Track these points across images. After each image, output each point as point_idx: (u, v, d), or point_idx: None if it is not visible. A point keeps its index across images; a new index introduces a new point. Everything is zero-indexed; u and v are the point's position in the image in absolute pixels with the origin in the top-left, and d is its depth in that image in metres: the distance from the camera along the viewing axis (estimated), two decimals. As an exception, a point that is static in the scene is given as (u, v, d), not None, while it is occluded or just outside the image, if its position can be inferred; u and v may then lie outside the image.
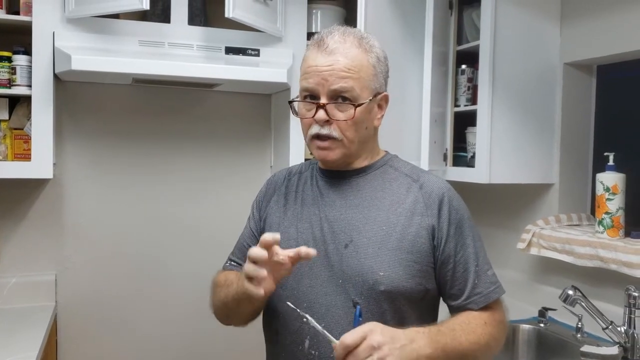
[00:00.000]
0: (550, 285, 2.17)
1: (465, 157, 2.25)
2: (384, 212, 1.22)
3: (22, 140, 2.10)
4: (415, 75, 2.19)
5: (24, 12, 2.04)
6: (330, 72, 1.18)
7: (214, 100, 2.56)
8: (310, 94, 1.22)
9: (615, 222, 1.86)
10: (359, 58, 1.21)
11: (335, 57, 1.19)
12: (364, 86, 1.21)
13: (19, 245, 2.28)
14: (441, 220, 1.22)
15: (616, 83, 2.17)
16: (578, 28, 2.10)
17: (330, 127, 1.21)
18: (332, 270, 1.20)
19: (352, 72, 1.19)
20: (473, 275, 1.22)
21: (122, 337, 2.44)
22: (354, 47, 1.21)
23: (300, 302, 1.20)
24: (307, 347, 1.19)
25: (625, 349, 1.76)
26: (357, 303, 1.18)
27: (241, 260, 1.40)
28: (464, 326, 1.18)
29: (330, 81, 1.18)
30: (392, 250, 1.18)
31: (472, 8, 2.21)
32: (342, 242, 1.21)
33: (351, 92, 1.19)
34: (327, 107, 1.19)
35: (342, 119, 1.20)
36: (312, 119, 1.21)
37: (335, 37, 1.22)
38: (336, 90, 1.19)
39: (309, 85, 1.21)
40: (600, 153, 2.05)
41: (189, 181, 2.54)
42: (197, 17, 2.28)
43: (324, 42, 1.21)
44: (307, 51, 1.25)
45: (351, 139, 1.23)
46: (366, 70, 1.22)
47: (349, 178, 1.29)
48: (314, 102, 1.21)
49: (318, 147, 1.23)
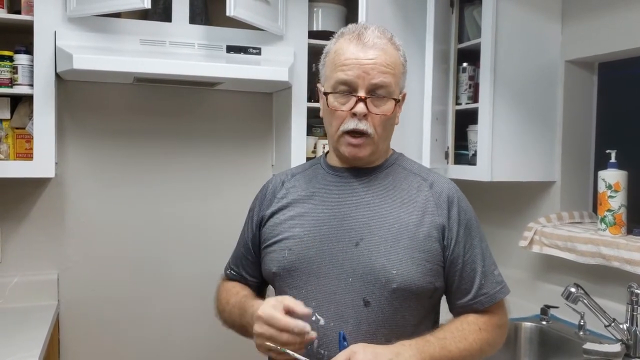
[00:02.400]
0: (553, 283, 2.17)
1: (466, 155, 2.25)
2: (395, 210, 1.22)
3: (24, 140, 2.10)
4: (416, 74, 2.19)
5: (25, 11, 2.04)
6: (373, 65, 1.18)
7: (215, 99, 2.56)
8: (346, 86, 1.20)
9: (617, 220, 1.86)
10: (395, 55, 1.22)
11: (376, 52, 1.19)
12: (397, 83, 1.23)
13: (21, 244, 2.28)
14: (451, 220, 1.22)
15: (618, 80, 2.17)
16: (579, 25, 2.10)
17: (366, 122, 1.20)
18: (341, 268, 1.20)
19: (390, 68, 1.20)
20: (480, 276, 1.23)
21: (124, 336, 2.44)
22: (389, 44, 1.22)
23: (308, 301, 1.19)
24: (316, 347, 1.18)
25: (628, 346, 1.76)
26: (369, 302, 1.17)
27: (240, 270, 1.43)
28: (456, 334, 1.18)
29: (372, 75, 1.18)
30: (404, 248, 1.18)
31: (473, 6, 2.21)
32: (353, 240, 1.21)
33: (389, 88, 1.20)
34: (367, 100, 1.19)
35: (379, 114, 1.20)
36: (347, 112, 1.20)
37: (375, 32, 1.22)
38: (376, 85, 1.19)
39: (347, 78, 1.19)
40: (602, 150, 2.05)
41: (191, 180, 2.54)
42: (198, 16, 2.28)
43: (364, 36, 1.21)
44: (340, 43, 1.24)
45: (381, 136, 1.23)
46: (399, 67, 1.23)
47: (361, 176, 1.28)
48: (352, 95, 1.20)
49: (349, 143, 1.22)
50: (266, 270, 1.31)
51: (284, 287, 1.26)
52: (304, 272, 1.22)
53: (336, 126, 1.23)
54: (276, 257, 1.27)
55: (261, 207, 1.38)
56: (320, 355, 1.17)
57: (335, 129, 1.23)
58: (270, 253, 1.29)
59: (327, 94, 1.23)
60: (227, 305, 1.33)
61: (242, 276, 1.42)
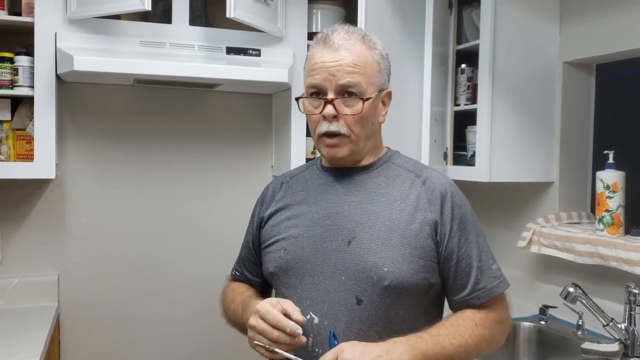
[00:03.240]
0: (551, 283, 2.18)
1: (465, 156, 2.26)
2: (387, 208, 1.23)
3: (24, 141, 2.11)
4: (415, 75, 2.20)
5: (26, 13, 2.05)
6: (338, 67, 1.19)
7: (215, 101, 2.57)
8: (316, 91, 1.23)
9: (615, 220, 1.87)
10: (364, 54, 1.23)
11: (341, 53, 1.20)
12: (370, 82, 1.23)
13: (22, 245, 2.29)
14: (444, 216, 1.23)
15: (615, 82, 2.18)
16: (577, 27, 2.11)
17: (338, 123, 1.22)
18: (334, 267, 1.21)
19: (359, 68, 1.21)
20: (476, 271, 1.23)
21: (124, 337, 2.45)
22: (358, 43, 1.23)
23: (302, 299, 1.21)
24: (310, 345, 1.20)
25: (626, 346, 1.77)
26: (361, 300, 1.18)
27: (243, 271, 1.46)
28: (450, 330, 1.18)
29: (337, 76, 1.19)
30: (395, 245, 1.19)
31: (472, 7, 2.22)
32: (345, 239, 1.22)
33: (358, 87, 1.21)
34: (335, 102, 1.20)
35: (350, 114, 1.21)
36: (319, 115, 1.22)
37: (341, 34, 1.23)
38: (344, 85, 1.20)
39: (315, 82, 1.22)
40: (599, 151, 2.06)
41: (191, 181, 2.54)
42: (198, 18, 2.29)
43: (330, 39, 1.22)
44: (312, 49, 1.26)
45: (358, 135, 1.24)
46: (371, 66, 1.23)
47: (353, 175, 1.30)
48: (321, 98, 1.22)
49: (326, 144, 1.24)
50: (265, 270, 1.33)
51: (280, 287, 1.28)
52: (299, 271, 1.23)
53: (313, 129, 1.26)
54: (273, 257, 1.29)
55: (261, 209, 1.41)
56: (314, 354, 1.18)
57: (313, 132, 1.27)
58: (268, 253, 1.32)
59: (298, 99, 1.28)
60: (232, 303, 1.36)
61: (245, 277, 1.45)
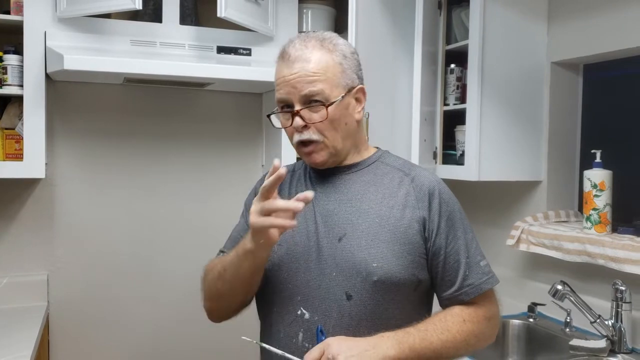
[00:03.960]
0: (539, 280, 2.21)
1: (454, 155, 2.28)
2: (376, 205, 1.25)
3: (13, 140, 2.10)
4: (405, 75, 2.21)
5: (15, 11, 2.04)
6: (297, 79, 1.21)
7: (205, 100, 2.57)
8: (285, 104, 1.25)
9: (602, 218, 1.89)
10: (324, 59, 1.24)
11: (299, 64, 1.22)
12: (334, 85, 1.24)
13: (11, 245, 2.28)
14: (432, 212, 1.24)
15: (602, 82, 2.20)
16: (565, 28, 2.13)
17: (309, 131, 1.24)
18: (325, 263, 1.23)
19: (319, 75, 1.22)
20: (464, 267, 1.24)
21: (114, 336, 2.44)
22: (315, 50, 1.24)
23: (293, 295, 1.23)
24: (300, 340, 1.21)
25: (613, 342, 1.79)
26: (351, 295, 1.20)
27: None
28: (438, 325, 1.20)
29: (299, 88, 1.21)
30: (384, 242, 1.21)
31: (461, 8, 2.24)
32: (336, 236, 1.23)
33: (322, 94, 1.22)
34: (302, 112, 1.23)
35: (318, 120, 1.23)
36: (291, 127, 1.25)
37: (296, 45, 1.25)
38: (306, 95, 1.22)
39: (281, 96, 1.25)
40: (587, 150, 2.08)
41: (181, 180, 2.54)
42: (189, 17, 2.29)
43: (287, 53, 1.25)
44: (276, 65, 1.29)
45: (332, 138, 1.25)
46: (332, 69, 1.24)
47: (341, 174, 1.31)
48: (289, 111, 1.24)
49: (304, 152, 1.27)
50: None
51: (273, 281, 1.28)
52: (292, 266, 1.25)
53: (290, 140, 1.29)
54: None
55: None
56: (304, 349, 1.19)
57: (292, 143, 1.30)
58: None
59: (270, 115, 1.31)
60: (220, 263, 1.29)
61: None
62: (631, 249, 1.72)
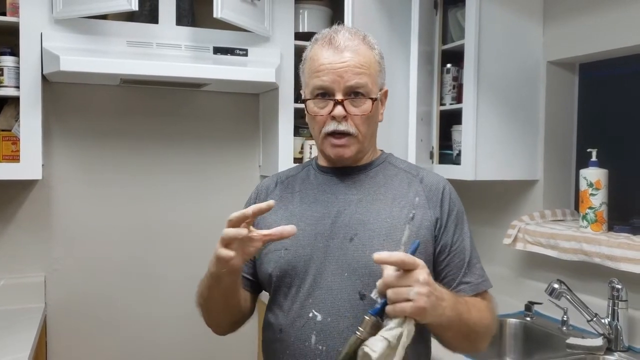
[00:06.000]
0: (536, 279, 2.21)
1: (451, 155, 2.28)
2: (387, 206, 1.25)
3: (10, 142, 2.09)
4: (401, 75, 2.21)
5: (11, 12, 2.04)
6: (346, 68, 1.20)
7: (202, 100, 2.57)
8: (323, 92, 1.23)
9: (598, 217, 1.89)
10: (369, 55, 1.24)
11: (349, 54, 1.21)
12: (374, 82, 1.25)
13: (8, 247, 2.27)
14: (442, 212, 1.26)
15: (598, 81, 2.21)
16: (561, 27, 2.14)
17: (347, 122, 1.23)
18: (337, 264, 1.22)
19: (365, 69, 1.22)
20: (465, 266, 1.26)
21: (111, 338, 2.44)
22: (361, 44, 1.24)
23: (305, 298, 1.21)
24: (313, 343, 1.19)
25: (609, 340, 1.80)
26: (364, 295, 1.19)
27: None
28: (475, 303, 1.21)
29: (345, 78, 1.20)
30: (397, 242, 1.20)
31: (457, 8, 2.24)
32: (347, 236, 1.23)
33: (365, 88, 1.22)
34: (344, 103, 1.21)
35: (359, 114, 1.22)
36: (327, 115, 1.23)
37: (345, 34, 1.24)
38: (352, 86, 1.21)
39: (323, 83, 1.22)
40: (583, 149, 2.09)
41: (178, 181, 2.54)
42: (185, 18, 2.29)
43: (335, 40, 1.23)
44: (314, 50, 1.26)
45: (364, 134, 1.25)
46: (374, 66, 1.25)
47: (352, 174, 1.31)
48: (328, 99, 1.22)
49: (333, 144, 1.25)
50: (262, 271, 1.31)
51: (281, 286, 1.27)
52: (301, 270, 1.23)
53: (318, 130, 1.26)
54: (272, 257, 1.28)
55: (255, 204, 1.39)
56: (318, 351, 1.18)
57: (317, 132, 1.27)
58: (266, 254, 1.30)
59: (306, 101, 1.27)
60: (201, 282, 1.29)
61: None
62: (627, 248, 1.73)
